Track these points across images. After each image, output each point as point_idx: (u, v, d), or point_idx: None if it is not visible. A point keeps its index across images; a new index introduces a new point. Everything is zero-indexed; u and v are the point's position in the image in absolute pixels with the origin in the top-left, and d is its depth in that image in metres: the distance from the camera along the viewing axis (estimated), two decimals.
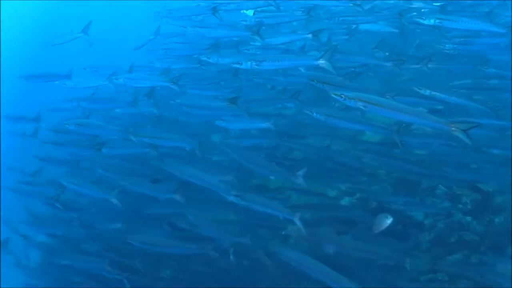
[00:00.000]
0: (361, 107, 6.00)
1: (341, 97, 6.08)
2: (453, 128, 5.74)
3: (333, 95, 6.21)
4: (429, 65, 8.19)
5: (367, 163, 9.48)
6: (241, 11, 9.18)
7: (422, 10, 9.21)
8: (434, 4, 8.92)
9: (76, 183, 8.88)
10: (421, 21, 8.05)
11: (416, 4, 8.64)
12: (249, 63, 7.79)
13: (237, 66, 7.92)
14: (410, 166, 8.80)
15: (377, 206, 9.62)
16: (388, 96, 6.89)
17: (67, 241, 10.01)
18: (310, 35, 8.18)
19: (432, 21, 8.01)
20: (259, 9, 8.87)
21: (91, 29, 10.04)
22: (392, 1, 8.49)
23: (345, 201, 9.91)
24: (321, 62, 6.98)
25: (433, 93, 7.92)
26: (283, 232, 8.81)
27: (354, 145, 9.29)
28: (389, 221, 7.58)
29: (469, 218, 9.32)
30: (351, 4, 8.20)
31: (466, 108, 8.40)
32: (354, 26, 8.95)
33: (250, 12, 9.29)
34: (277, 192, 9.02)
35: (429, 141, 8.59)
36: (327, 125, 8.13)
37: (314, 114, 7.11)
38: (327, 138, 9.62)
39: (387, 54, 8.24)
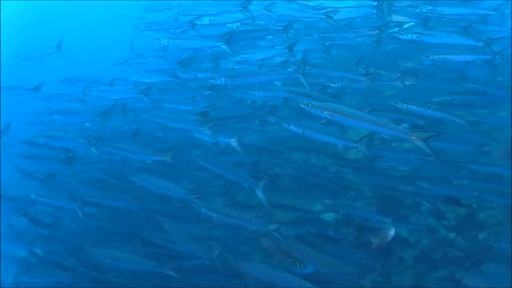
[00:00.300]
0: (327, 116, 6.11)
1: (308, 106, 6.19)
2: (413, 138, 5.81)
3: (301, 105, 6.30)
4: (407, 82, 8.21)
5: (351, 179, 9.51)
6: (227, 25, 9.16)
7: (405, 26, 9.22)
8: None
9: (45, 196, 8.88)
10: (400, 36, 8.09)
11: (396, 19, 8.63)
12: (223, 78, 7.83)
13: (213, 81, 7.94)
14: (392, 182, 8.76)
15: (360, 222, 9.59)
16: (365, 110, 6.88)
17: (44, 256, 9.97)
18: (286, 50, 8.19)
19: (410, 36, 8.06)
20: (241, 22, 8.90)
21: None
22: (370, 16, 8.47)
23: (329, 216, 9.82)
24: (295, 76, 6.98)
25: (410, 107, 7.94)
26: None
27: (336, 161, 9.23)
28: (392, 233, 7.58)
29: (453, 234, 9.25)
30: (324, 16, 8.19)
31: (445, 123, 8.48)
32: (330, 42, 8.92)
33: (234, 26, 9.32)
34: (256, 209, 8.98)
35: (406, 156, 8.58)
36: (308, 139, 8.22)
37: (291, 127, 7.10)
38: (309, 153, 9.63)
39: (363, 69, 8.22)
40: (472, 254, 8.84)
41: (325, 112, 6.09)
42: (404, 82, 8.26)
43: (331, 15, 8.35)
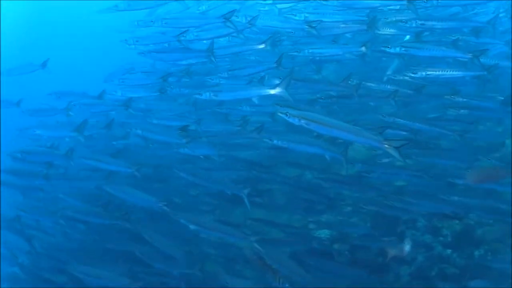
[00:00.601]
0: (304, 125, 6.12)
1: (286, 115, 6.19)
2: (386, 145, 5.82)
3: (278, 114, 6.33)
4: (396, 99, 8.19)
5: (345, 195, 9.45)
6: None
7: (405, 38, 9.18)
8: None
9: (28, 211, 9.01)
10: (387, 50, 8.07)
11: (388, 32, 8.61)
12: (207, 93, 7.88)
13: (198, 96, 8.02)
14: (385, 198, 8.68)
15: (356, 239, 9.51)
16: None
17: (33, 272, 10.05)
18: (274, 65, 8.23)
19: (397, 50, 8.03)
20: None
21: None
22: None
23: (324, 233, 9.74)
24: (278, 91, 7.00)
25: (397, 119, 7.91)
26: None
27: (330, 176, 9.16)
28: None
29: (449, 251, 9.12)
30: (307, 27, 8.21)
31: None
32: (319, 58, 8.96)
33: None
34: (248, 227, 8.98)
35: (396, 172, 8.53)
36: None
37: (275, 141, 7.18)
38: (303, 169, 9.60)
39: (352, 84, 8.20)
40: (468, 271, 8.64)
41: (302, 121, 6.11)
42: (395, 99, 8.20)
43: (314, 25, 8.32)
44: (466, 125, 8.65)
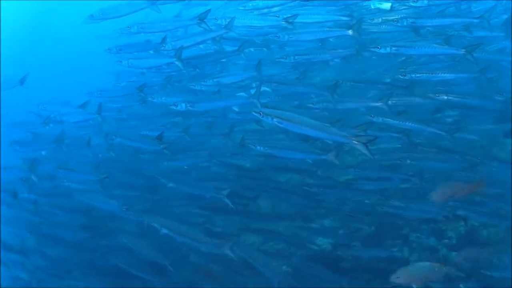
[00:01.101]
0: (276, 123, 6.27)
1: (260, 114, 6.38)
2: (354, 142, 6.00)
3: (253, 113, 6.51)
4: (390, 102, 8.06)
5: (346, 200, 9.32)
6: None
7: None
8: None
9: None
10: (377, 50, 7.95)
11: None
12: (183, 104, 7.97)
13: (173, 107, 8.09)
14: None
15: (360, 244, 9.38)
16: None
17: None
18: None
19: (388, 49, 7.90)
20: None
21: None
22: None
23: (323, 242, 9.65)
24: (253, 100, 7.02)
25: (386, 119, 7.82)
26: None
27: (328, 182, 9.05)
28: None
29: (454, 253, 8.90)
30: (284, 22, 8.23)
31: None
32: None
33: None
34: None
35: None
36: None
37: (258, 148, 7.19)
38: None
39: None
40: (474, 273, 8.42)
41: (275, 119, 6.26)
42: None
43: (290, 20, 8.32)
44: (459, 125, 8.48)
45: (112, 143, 9.28)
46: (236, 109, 8.67)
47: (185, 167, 9.08)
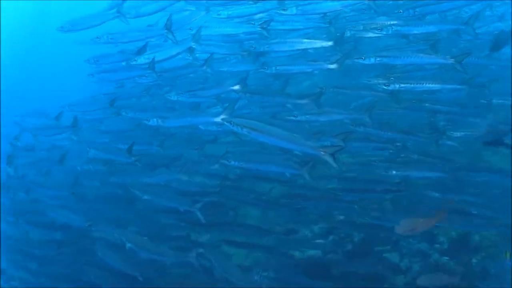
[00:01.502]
0: (246, 133, 6.35)
1: (230, 123, 6.45)
2: (322, 152, 6.05)
3: (224, 122, 6.64)
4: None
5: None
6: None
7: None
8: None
9: None
10: (361, 61, 7.70)
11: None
12: (154, 119, 7.87)
13: (146, 122, 8.00)
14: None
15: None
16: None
17: None
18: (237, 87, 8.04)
19: (372, 60, 7.65)
20: None
21: None
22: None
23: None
24: (223, 117, 6.88)
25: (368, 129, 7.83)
26: None
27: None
28: None
29: (446, 258, 8.88)
30: (260, 28, 8.14)
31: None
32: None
33: None
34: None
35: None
36: None
37: (232, 162, 7.29)
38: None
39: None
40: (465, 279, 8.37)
41: (244, 129, 6.33)
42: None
43: (265, 26, 8.39)
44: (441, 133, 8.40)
45: (87, 156, 9.28)
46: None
47: (163, 180, 9.03)
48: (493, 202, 8.05)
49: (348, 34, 8.44)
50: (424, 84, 7.81)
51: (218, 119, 6.84)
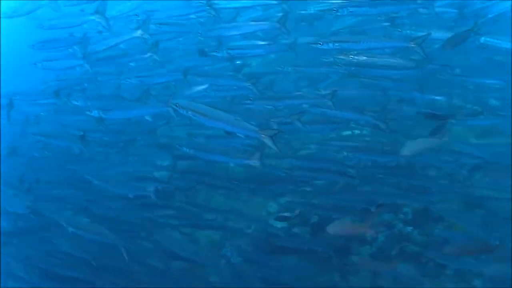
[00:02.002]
0: (191, 116, 6.48)
1: (176, 106, 6.62)
2: (262, 135, 6.27)
3: (171, 105, 6.88)
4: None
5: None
6: None
7: None
8: None
9: None
10: (319, 46, 7.44)
11: None
12: (96, 111, 7.81)
13: (88, 113, 7.95)
14: None
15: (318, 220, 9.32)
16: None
17: None
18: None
19: (330, 45, 7.39)
20: None
21: None
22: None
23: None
24: (169, 110, 7.01)
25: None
26: None
27: None
28: None
29: (410, 229, 9.04)
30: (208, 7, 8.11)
31: None
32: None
33: None
34: None
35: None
36: None
37: (184, 148, 7.42)
38: None
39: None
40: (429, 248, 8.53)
41: (189, 112, 6.46)
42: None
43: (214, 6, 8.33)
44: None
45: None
46: None
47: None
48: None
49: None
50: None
51: (166, 109, 6.97)
